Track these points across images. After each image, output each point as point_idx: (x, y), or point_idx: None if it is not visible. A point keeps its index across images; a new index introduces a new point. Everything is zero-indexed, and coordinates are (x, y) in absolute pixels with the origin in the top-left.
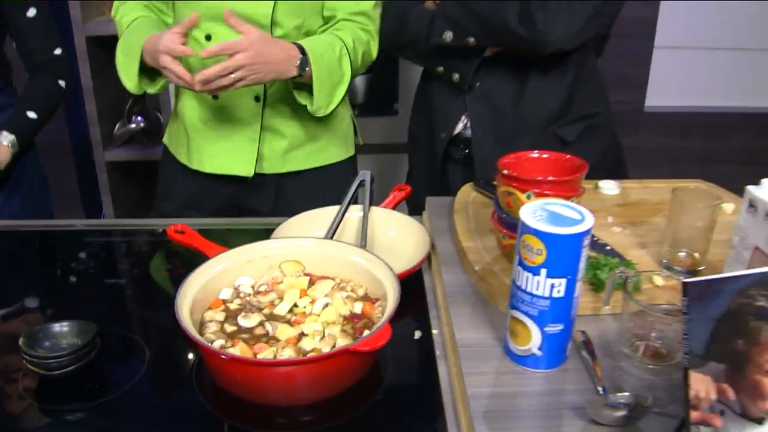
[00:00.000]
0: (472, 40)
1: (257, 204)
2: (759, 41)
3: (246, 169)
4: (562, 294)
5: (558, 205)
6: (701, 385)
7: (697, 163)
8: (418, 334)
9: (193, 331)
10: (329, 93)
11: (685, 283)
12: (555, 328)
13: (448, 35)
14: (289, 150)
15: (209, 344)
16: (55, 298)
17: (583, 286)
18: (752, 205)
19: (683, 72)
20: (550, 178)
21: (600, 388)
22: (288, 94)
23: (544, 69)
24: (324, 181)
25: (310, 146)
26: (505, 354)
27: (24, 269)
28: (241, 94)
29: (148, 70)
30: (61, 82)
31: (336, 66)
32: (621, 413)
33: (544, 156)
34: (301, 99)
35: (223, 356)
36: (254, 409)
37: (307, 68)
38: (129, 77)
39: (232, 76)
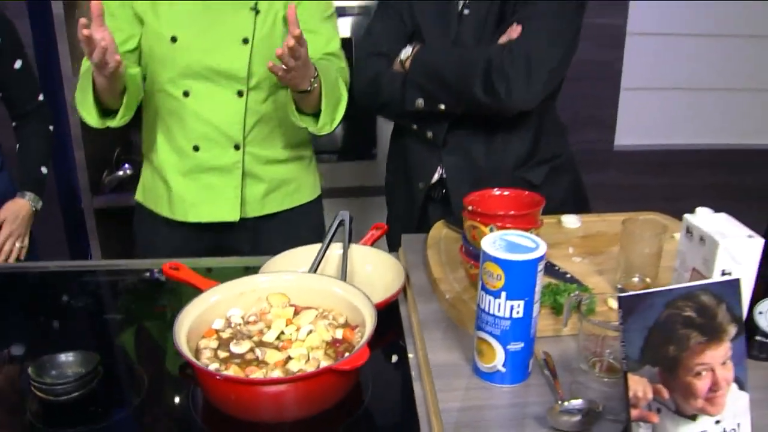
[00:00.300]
0: (442, 106)
1: (238, 245)
2: (720, 81)
3: (232, 215)
4: (521, 314)
5: (515, 236)
6: (639, 386)
7: (664, 199)
8: (395, 358)
9: (190, 355)
10: (332, 110)
11: (620, 298)
12: (517, 346)
13: (420, 102)
14: (267, 193)
15: (205, 367)
16: (58, 332)
17: (545, 310)
18: (689, 231)
19: (649, 112)
20: (511, 212)
21: (559, 400)
22: (264, 140)
23: (510, 122)
24: (297, 220)
25: (285, 188)
26: (474, 372)
27: (28, 307)
28: (221, 144)
29: (107, 111)
30: (51, 127)
31: (335, 85)
32: (576, 418)
33: (506, 193)
34: (304, 122)
35: (218, 377)
36: (247, 427)
37: (315, 84)
38: (88, 112)
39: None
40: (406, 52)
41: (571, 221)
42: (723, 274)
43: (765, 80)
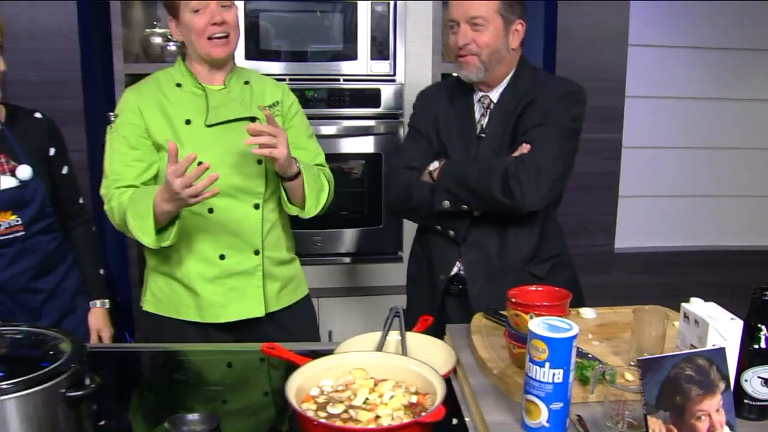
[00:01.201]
0: (465, 207)
1: (253, 337)
2: (709, 189)
3: (258, 311)
4: (561, 380)
5: (554, 320)
6: (656, 425)
7: (664, 297)
8: (455, 421)
9: (306, 412)
10: (316, 196)
11: (639, 360)
12: (557, 406)
13: (446, 203)
14: (280, 290)
15: (321, 419)
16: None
17: (575, 382)
18: (686, 316)
19: (647, 217)
20: (545, 303)
21: None
22: (275, 244)
23: (519, 223)
24: (300, 312)
25: (291, 285)
26: (522, 429)
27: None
28: (244, 251)
29: (159, 229)
30: (93, 228)
31: (317, 176)
32: None
33: (539, 289)
34: (292, 210)
35: (319, 425)
36: None
37: (296, 168)
38: (146, 235)
39: (262, 139)
40: (434, 165)
41: (588, 313)
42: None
43: (751, 186)
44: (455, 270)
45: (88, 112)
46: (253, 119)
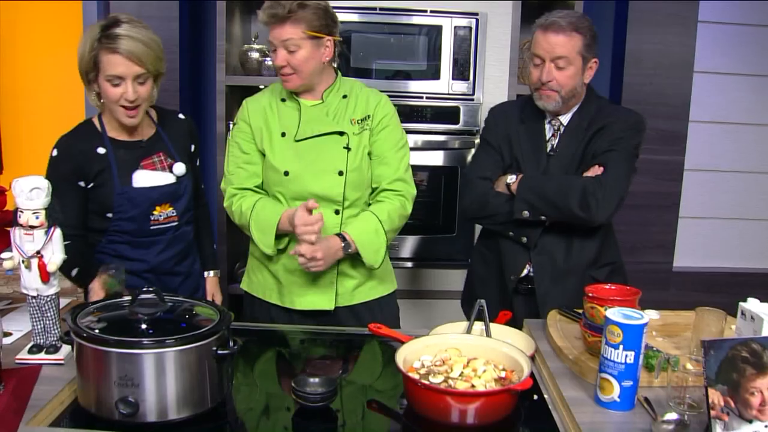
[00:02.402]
0: (543, 217)
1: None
2: (765, 213)
3: (328, 304)
4: (632, 361)
5: (628, 310)
6: (715, 396)
7: None
8: (535, 396)
9: (412, 376)
10: (374, 254)
11: (702, 341)
12: (628, 383)
13: (526, 213)
14: (356, 287)
15: (431, 383)
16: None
17: (642, 370)
18: (743, 312)
19: (706, 238)
20: (618, 297)
21: (659, 416)
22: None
23: (584, 233)
24: (377, 309)
25: (369, 283)
26: (596, 402)
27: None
28: None
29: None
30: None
31: (373, 237)
32: (671, 427)
33: (612, 287)
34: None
35: (426, 387)
36: (441, 427)
37: (350, 250)
38: (267, 246)
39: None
40: (512, 178)
41: (652, 313)
42: None
43: None
44: (525, 271)
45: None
46: (341, 133)
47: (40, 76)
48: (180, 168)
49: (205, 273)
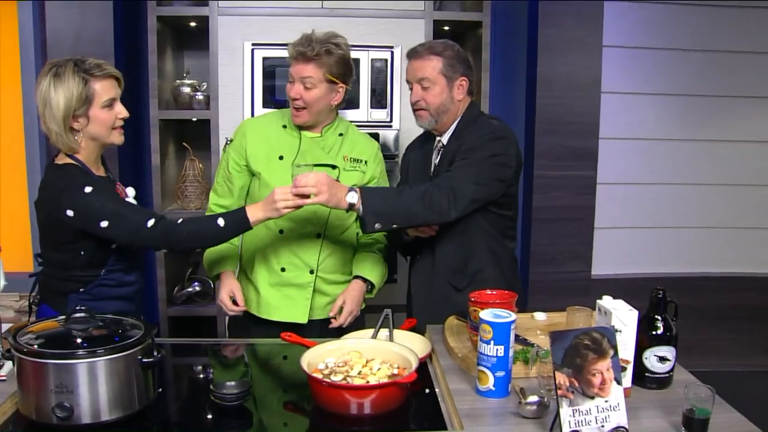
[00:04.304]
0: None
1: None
2: (677, 220)
3: (302, 318)
4: (502, 354)
5: (498, 311)
6: (561, 378)
7: None
8: (427, 390)
9: (317, 375)
10: (381, 280)
11: (550, 333)
12: (501, 374)
13: (378, 226)
14: (328, 303)
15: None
16: (221, 368)
17: (519, 362)
18: (599, 308)
19: (621, 246)
20: (497, 301)
21: (524, 398)
22: (332, 267)
23: (445, 243)
24: (353, 323)
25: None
26: (476, 392)
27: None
28: (301, 268)
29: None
30: None
31: (384, 276)
32: (533, 408)
33: (493, 292)
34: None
35: (325, 384)
36: (341, 418)
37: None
38: (207, 270)
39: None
40: (352, 196)
41: (540, 316)
42: (615, 330)
43: (712, 218)
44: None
45: (120, 149)
46: (333, 167)
47: None
48: (132, 191)
49: None
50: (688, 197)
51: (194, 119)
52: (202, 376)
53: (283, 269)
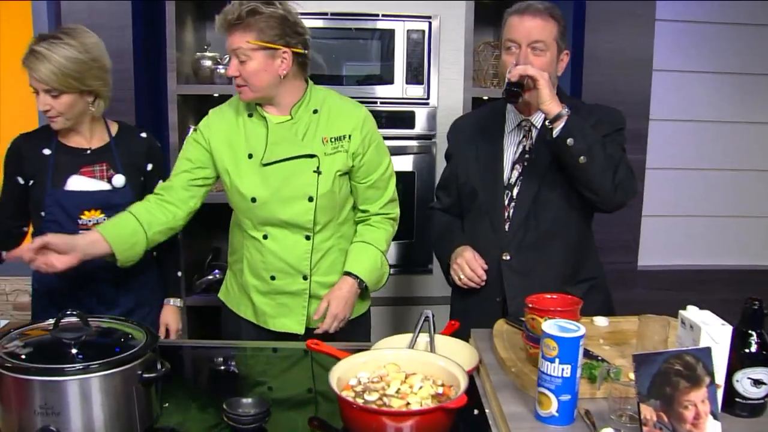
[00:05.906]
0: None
1: None
2: (732, 209)
3: (299, 328)
4: (569, 375)
5: (564, 322)
6: (647, 412)
7: None
8: (476, 411)
9: (347, 397)
10: (377, 284)
11: (634, 355)
12: (566, 398)
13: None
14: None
15: (361, 403)
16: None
17: (583, 380)
18: (683, 321)
19: (669, 236)
20: (559, 308)
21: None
22: (327, 270)
23: (557, 249)
24: (350, 330)
25: None
26: (535, 418)
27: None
28: (292, 275)
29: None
30: (179, 235)
31: (380, 274)
32: None
33: (554, 297)
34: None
35: (357, 408)
36: None
37: (363, 285)
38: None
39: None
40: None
41: (601, 321)
42: None
43: None
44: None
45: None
46: (311, 156)
47: None
48: (119, 180)
49: (165, 300)
50: (744, 184)
51: (216, 95)
52: (214, 390)
53: (272, 277)
